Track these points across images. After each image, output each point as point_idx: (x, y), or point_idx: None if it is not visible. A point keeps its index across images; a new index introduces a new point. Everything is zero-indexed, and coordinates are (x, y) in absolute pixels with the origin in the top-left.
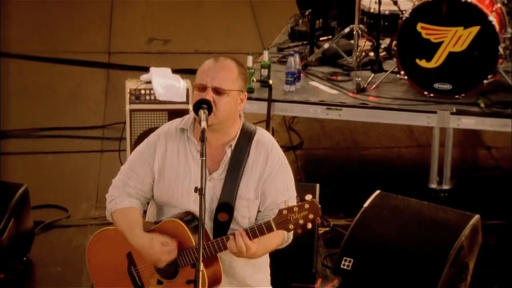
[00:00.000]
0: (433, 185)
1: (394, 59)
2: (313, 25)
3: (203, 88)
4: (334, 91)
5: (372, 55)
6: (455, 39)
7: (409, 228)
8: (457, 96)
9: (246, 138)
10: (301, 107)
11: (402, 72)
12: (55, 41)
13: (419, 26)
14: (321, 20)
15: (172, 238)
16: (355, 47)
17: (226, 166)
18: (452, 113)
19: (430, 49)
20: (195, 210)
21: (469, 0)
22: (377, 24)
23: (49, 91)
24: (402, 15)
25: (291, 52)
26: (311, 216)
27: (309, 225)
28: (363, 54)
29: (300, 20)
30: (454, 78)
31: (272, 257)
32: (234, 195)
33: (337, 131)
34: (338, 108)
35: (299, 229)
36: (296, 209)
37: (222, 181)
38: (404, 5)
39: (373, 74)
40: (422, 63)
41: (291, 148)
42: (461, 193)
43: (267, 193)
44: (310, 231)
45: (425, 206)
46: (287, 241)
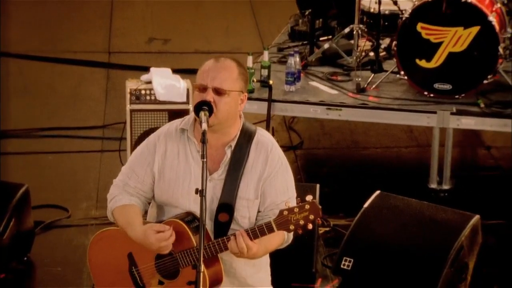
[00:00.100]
0: (433, 185)
1: (394, 59)
2: (313, 25)
3: (204, 89)
4: (334, 91)
5: (372, 55)
6: (455, 39)
7: (409, 228)
8: (457, 96)
9: (246, 138)
10: (301, 107)
11: (402, 72)
12: (55, 41)
13: (419, 26)
14: (321, 20)
15: (167, 227)
16: (355, 47)
17: (226, 167)
18: (452, 113)
19: (430, 49)
20: (196, 210)
21: (469, 0)
22: (377, 24)
23: (49, 91)
24: (402, 15)
25: (291, 52)
26: (312, 217)
27: (310, 226)
28: (363, 54)
29: (300, 20)
30: (454, 78)
31: (272, 257)
32: (234, 195)
33: (337, 131)
34: (338, 108)
35: (300, 230)
36: (297, 210)
37: (222, 182)
38: (404, 5)
39: (373, 74)
40: (422, 63)
41: (291, 148)
42: (461, 193)
43: (267, 193)
44: (310, 231)
45: (425, 206)
46: (287, 242)
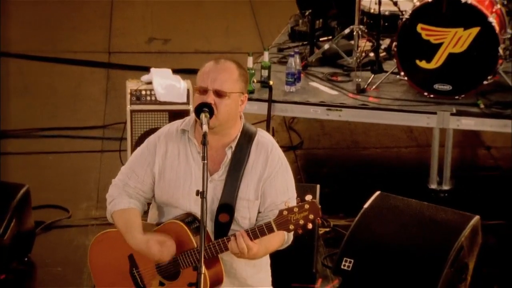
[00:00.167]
0: (433, 186)
1: (394, 60)
2: (313, 25)
3: (204, 91)
4: (334, 92)
5: (372, 56)
6: (455, 40)
7: (409, 229)
8: (457, 97)
9: (247, 139)
10: (301, 108)
11: (402, 73)
12: (55, 41)
13: (419, 27)
14: (321, 20)
15: (168, 235)
16: (355, 48)
17: (227, 167)
18: (452, 114)
19: (430, 50)
20: (196, 211)
21: (469, 1)
22: (377, 25)
23: (49, 91)
24: (402, 16)
25: (291, 53)
26: (311, 217)
27: (310, 226)
28: (363, 55)
29: (300, 20)
30: (454, 79)
31: (273, 257)
32: (235, 196)
33: (337, 131)
34: (338, 109)
35: (300, 230)
36: (296, 210)
37: (223, 182)
38: (404, 6)
39: (373, 75)
40: (422, 64)
41: (291, 148)
42: (461, 193)
43: (267, 194)
44: (310, 231)
45: (425, 207)
46: (287, 242)
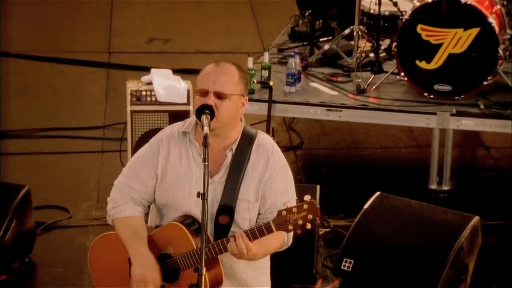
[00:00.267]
0: (433, 186)
1: (394, 60)
2: (313, 26)
3: (205, 93)
4: (334, 92)
5: (372, 56)
6: (455, 41)
7: (409, 229)
8: (457, 97)
9: (247, 141)
10: (302, 108)
11: (402, 73)
12: (55, 41)
13: (419, 28)
14: (321, 21)
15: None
16: (355, 48)
17: (227, 169)
18: (452, 114)
19: (430, 51)
20: (196, 213)
21: (469, 2)
22: (377, 25)
23: (49, 91)
24: (402, 16)
25: (291, 53)
26: (310, 217)
27: (308, 226)
28: (363, 55)
29: (300, 21)
30: (454, 80)
31: (273, 258)
32: (235, 198)
33: (337, 131)
34: (338, 109)
35: (299, 230)
36: (295, 210)
37: (223, 184)
38: (404, 6)
39: (373, 75)
40: (422, 65)
41: (291, 148)
42: (461, 194)
43: (267, 196)
44: (310, 232)
45: (425, 207)
46: (287, 244)
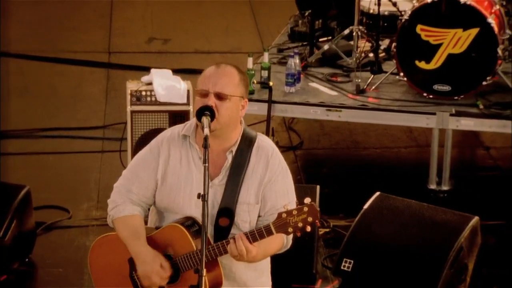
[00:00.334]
0: (432, 186)
1: (394, 60)
2: (313, 26)
3: (205, 94)
4: (334, 92)
5: (372, 56)
6: (455, 41)
7: (409, 229)
8: (456, 98)
9: (247, 144)
10: (301, 109)
11: (402, 74)
12: (55, 41)
13: (419, 28)
14: (321, 21)
15: (169, 269)
16: (355, 48)
17: (227, 172)
18: (451, 115)
19: (430, 51)
20: (196, 215)
21: (468, 2)
22: (377, 25)
23: (49, 91)
24: (402, 17)
25: (291, 53)
26: (310, 219)
27: (308, 228)
28: (363, 55)
29: (300, 21)
30: (453, 80)
31: (273, 258)
32: (235, 200)
33: (337, 131)
34: (338, 110)
35: (298, 232)
36: (295, 212)
37: (223, 187)
38: (403, 6)
39: (373, 75)
40: (422, 65)
41: (291, 148)
42: (460, 194)
43: (267, 198)
44: (310, 232)
45: (425, 208)
46: (286, 247)
